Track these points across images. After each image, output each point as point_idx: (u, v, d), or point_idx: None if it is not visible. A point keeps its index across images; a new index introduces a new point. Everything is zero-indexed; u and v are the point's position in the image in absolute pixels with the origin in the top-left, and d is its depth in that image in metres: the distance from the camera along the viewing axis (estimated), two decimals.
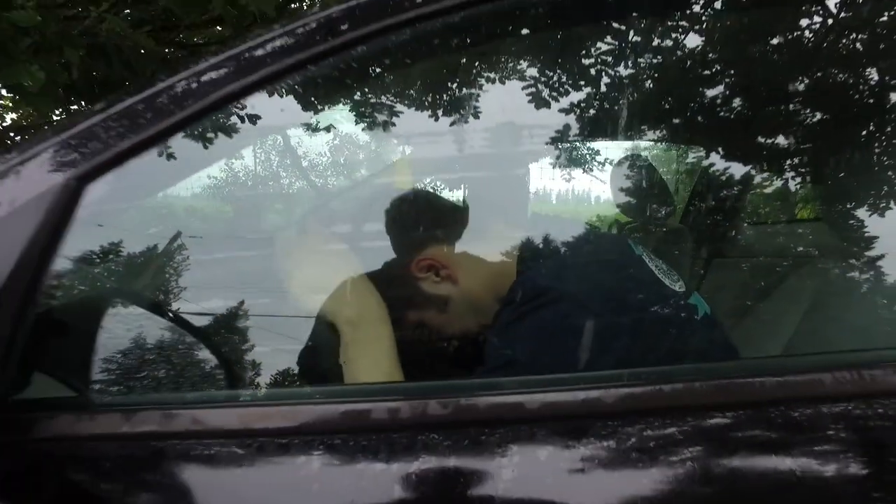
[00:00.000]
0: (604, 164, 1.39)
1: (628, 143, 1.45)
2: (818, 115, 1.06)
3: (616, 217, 1.47)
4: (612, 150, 1.41)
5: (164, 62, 2.67)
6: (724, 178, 1.44)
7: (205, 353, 0.66)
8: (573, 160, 1.24)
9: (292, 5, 3.21)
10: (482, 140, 0.90)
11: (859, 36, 0.79)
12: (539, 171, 1.08)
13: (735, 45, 0.91)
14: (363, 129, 0.81)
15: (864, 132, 0.98)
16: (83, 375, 0.59)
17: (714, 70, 1.00)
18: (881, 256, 0.89)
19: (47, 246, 0.55)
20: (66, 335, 0.59)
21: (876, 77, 0.92)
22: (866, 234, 0.90)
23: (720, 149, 1.31)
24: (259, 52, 0.63)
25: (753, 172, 1.29)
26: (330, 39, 0.61)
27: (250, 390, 0.66)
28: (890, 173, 0.97)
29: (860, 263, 0.93)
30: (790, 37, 0.88)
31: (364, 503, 0.47)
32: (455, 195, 0.92)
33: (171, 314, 0.67)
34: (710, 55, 0.91)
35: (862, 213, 0.95)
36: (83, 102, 2.56)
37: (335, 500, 0.48)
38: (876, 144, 0.97)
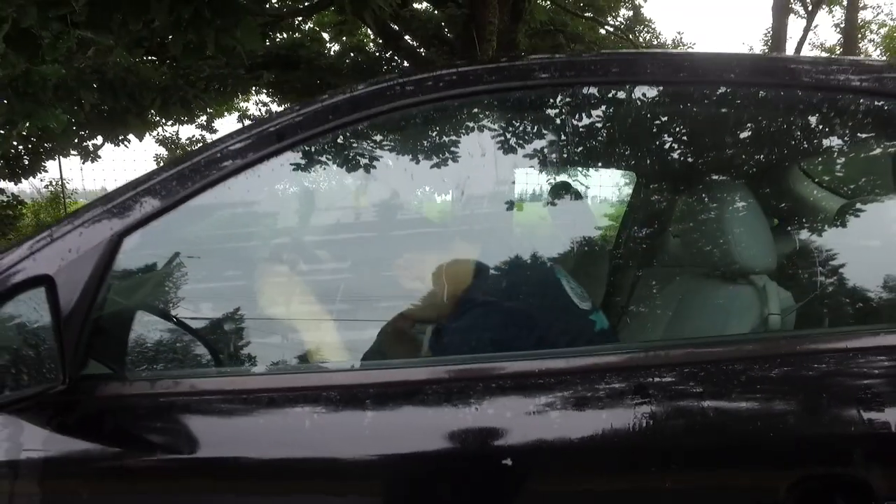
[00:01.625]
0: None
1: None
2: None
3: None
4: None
5: (163, 91, 2.99)
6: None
7: (197, 344, 0.99)
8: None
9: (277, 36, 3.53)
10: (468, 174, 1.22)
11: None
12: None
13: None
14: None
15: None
16: (120, 359, 0.92)
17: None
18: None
19: (100, 277, 0.89)
20: (109, 334, 0.92)
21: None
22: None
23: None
24: (238, 144, 0.96)
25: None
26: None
27: (228, 366, 1.00)
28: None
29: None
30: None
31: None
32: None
33: (175, 319, 1.01)
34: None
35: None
36: (96, 134, 2.89)
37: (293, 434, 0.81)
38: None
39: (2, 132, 1.98)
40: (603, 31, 8.76)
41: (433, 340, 1.17)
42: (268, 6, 2.32)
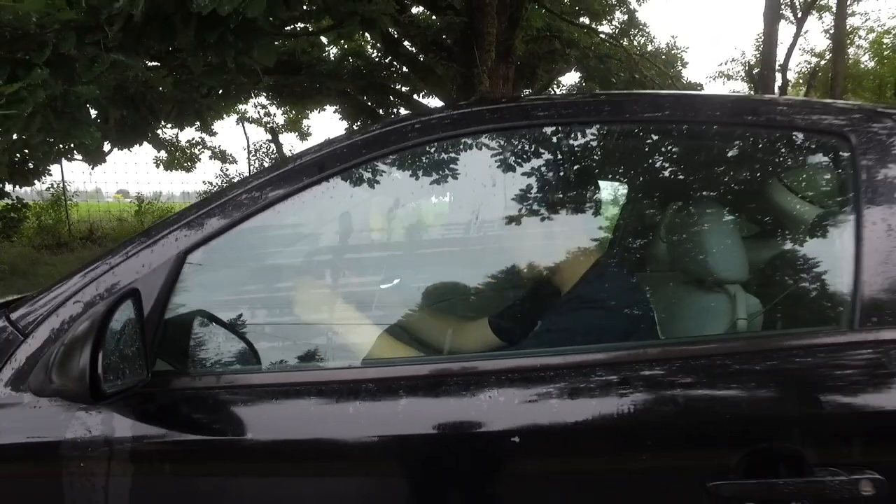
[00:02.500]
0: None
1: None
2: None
3: None
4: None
5: (179, 104, 3.15)
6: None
7: (241, 344, 1.16)
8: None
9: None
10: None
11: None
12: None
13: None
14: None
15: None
16: (183, 358, 1.08)
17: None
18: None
19: (168, 289, 1.05)
20: (175, 336, 1.08)
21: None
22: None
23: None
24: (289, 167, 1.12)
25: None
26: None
27: (268, 364, 1.16)
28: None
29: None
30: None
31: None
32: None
33: (225, 325, 1.17)
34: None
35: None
36: (118, 146, 3.05)
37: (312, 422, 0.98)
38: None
39: (45, 148, 2.13)
40: (598, 39, 8.95)
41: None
42: (286, 28, 2.47)
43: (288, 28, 2.68)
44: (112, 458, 0.95)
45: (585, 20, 11.44)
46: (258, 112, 13.93)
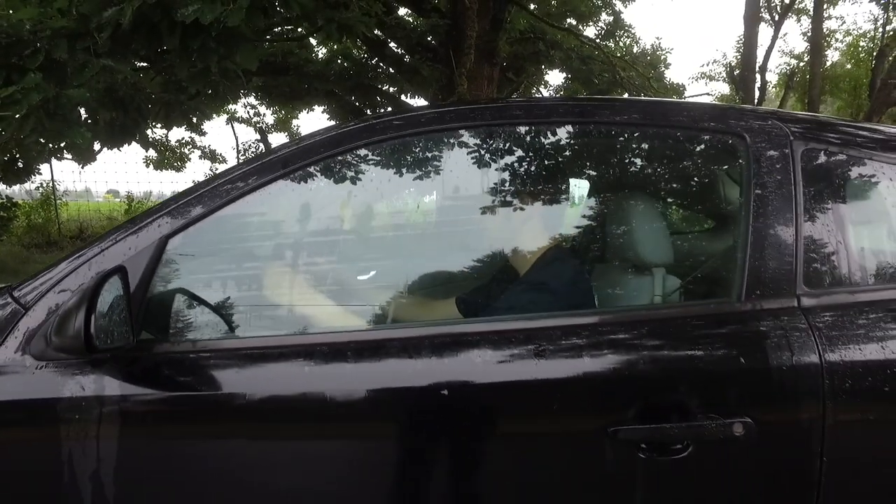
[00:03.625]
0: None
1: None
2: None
3: None
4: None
5: (166, 105, 3.29)
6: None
7: (214, 316, 1.32)
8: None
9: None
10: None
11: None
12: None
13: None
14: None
15: None
16: (164, 328, 1.24)
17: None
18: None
19: (151, 269, 1.21)
20: (156, 310, 1.24)
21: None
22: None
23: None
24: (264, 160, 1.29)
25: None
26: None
27: (236, 333, 1.33)
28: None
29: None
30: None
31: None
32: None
33: (201, 300, 1.33)
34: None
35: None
36: (108, 146, 3.20)
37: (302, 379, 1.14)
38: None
39: (38, 147, 2.27)
40: (577, 43, 9.16)
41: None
42: (266, 35, 2.62)
43: (268, 36, 2.82)
44: (102, 412, 1.11)
45: (573, 21, 11.66)
46: (248, 112, 14.05)
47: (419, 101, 9.74)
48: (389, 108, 10.14)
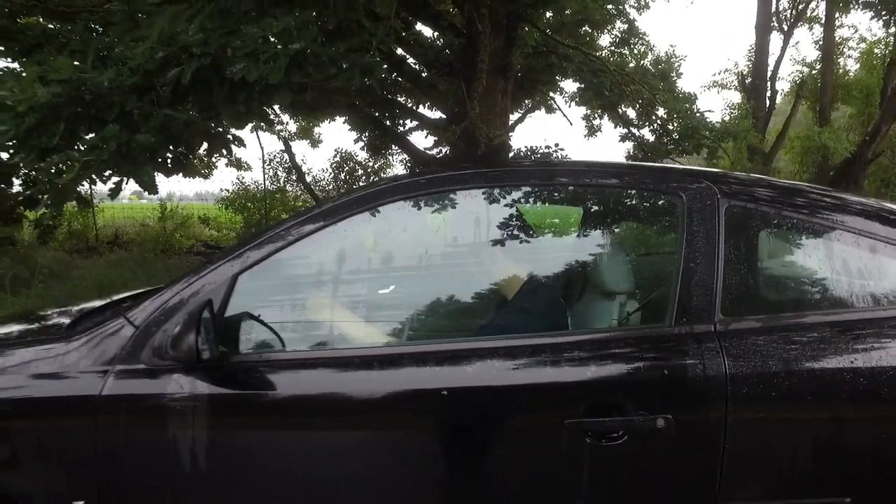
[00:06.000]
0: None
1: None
2: None
3: None
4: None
5: (207, 135, 3.71)
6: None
7: (271, 334, 1.74)
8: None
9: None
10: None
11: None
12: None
13: None
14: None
15: None
16: (236, 344, 1.65)
17: None
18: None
19: (226, 299, 1.62)
20: (231, 330, 1.65)
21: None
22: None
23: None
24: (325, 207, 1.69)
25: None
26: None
27: (290, 348, 1.74)
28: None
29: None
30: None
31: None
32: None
33: (262, 322, 1.75)
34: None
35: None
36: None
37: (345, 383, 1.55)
38: None
39: (112, 186, 2.71)
40: (584, 58, 9.50)
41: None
42: (297, 82, 3.03)
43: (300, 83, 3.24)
44: (195, 406, 1.53)
45: (587, 28, 11.95)
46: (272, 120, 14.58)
47: (436, 114, 10.14)
48: (408, 122, 10.54)
